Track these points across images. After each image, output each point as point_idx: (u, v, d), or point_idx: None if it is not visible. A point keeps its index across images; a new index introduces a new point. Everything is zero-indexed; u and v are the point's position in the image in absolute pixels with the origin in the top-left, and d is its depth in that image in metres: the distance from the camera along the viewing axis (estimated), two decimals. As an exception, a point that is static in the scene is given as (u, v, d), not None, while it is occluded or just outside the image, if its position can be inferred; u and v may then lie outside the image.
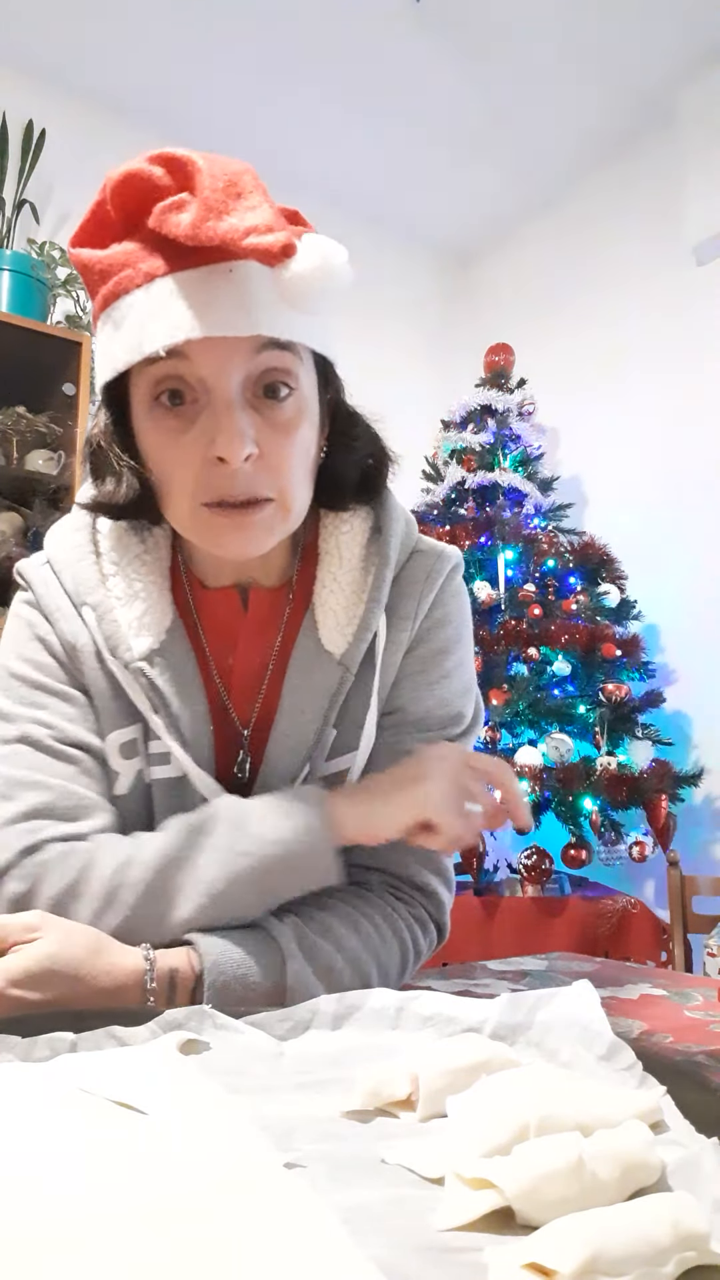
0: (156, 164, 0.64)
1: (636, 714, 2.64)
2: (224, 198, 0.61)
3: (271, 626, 0.80)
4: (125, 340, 0.65)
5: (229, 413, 0.65)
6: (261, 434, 0.67)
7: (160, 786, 0.77)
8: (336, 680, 0.77)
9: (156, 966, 0.65)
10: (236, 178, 0.62)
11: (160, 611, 0.77)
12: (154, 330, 0.63)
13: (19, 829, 0.70)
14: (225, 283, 0.63)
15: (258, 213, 0.61)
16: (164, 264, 0.64)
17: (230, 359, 0.65)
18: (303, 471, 0.71)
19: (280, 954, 0.68)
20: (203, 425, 0.66)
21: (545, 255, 3.66)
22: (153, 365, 0.66)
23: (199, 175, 0.61)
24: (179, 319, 0.63)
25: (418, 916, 0.79)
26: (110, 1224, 0.31)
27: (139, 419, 0.70)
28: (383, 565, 0.79)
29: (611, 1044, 0.48)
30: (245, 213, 0.61)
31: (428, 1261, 0.31)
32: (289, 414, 0.69)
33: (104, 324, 0.68)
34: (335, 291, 0.64)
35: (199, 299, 0.63)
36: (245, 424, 0.66)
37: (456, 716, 0.82)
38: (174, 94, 3.07)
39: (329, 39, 2.87)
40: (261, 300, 0.64)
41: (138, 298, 0.65)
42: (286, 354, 0.67)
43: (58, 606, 0.77)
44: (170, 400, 0.67)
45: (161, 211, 0.63)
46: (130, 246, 0.66)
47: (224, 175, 0.62)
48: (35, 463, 2.56)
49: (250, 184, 0.62)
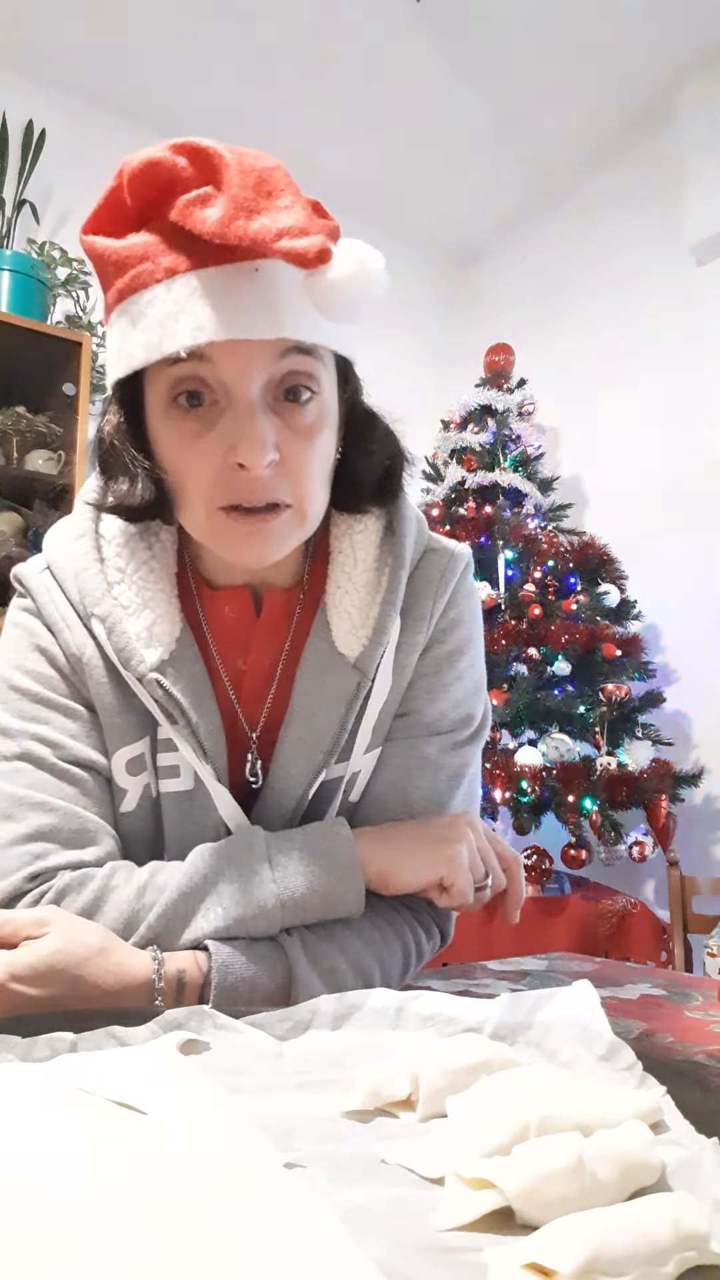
0: (180, 154, 0.61)
1: (636, 714, 2.64)
2: (254, 195, 0.58)
3: (281, 627, 0.78)
4: (143, 338, 0.62)
5: (251, 418, 0.63)
6: (282, 438, 0.65)
7: (170, 800, 0.75)
8: (353, 685, 0.75)
9: (164, 968, 0.64)
10: (268, 175, 0.60)
11: (170, 620, 0.74)
12: (175, 330, 0.61)
13: (23, 851, 0.69)
14: (251, 282, 0.60)
15: (291, 213, 0.59)
16: (186, 260, 0.61)
17: (253, 362, 0.63)
18: (321, 476, 0.69)
19: (286, 958, 0.68)
20: (222, 429, 0.64)
21: (545, 255, 3.66)
22: (172, 365, 0.63)
23: (226, 170, 0.59)
24: (202, 319, 0.60)
25: (422, 921, 0.79)
26: (110, 1224, 0.31)
27: (154, 418, 0.67)
28: (397, 566, 0.77)
29: (611, 1044, 0.48)
30: (278, 213, 0.59)
31: (428, 1261, 0.31)
32: (311, 419, 0.66)
33: (119, 317, 0.65)
34: (370, 300, 0.62)
35: (224, 299, 0.60)
36: (268, 430, 0.63)
37: (467, 718, 0.82)
38: (174, 94, 3.07)
39: (329, 39, 2.87)
40: (288, 302, 0.61)
41: (158, 294, 0.62)
42: (309, 358, 0.65)
43: (62, 617, 0.75)
44: (188, 401, 0.64)
45: (186, 205, 0.60)
46: (149, 238, 0.62)
47: (255, 171, 0.59)
48: (35, 463, 2.56)
49: (282, 182, 0.60)
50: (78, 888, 0.68)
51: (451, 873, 0.72)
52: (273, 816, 0.76)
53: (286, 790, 0.75)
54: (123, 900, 0.68)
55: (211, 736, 0.74)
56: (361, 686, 0.75)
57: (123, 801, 0.75)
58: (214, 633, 0.78)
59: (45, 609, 0.75)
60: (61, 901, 0.67)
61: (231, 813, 0.74)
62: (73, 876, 0.68)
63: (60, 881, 0.68)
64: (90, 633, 0.74)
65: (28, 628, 0.76)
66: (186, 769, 0.74)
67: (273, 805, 0.76)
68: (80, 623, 0.75)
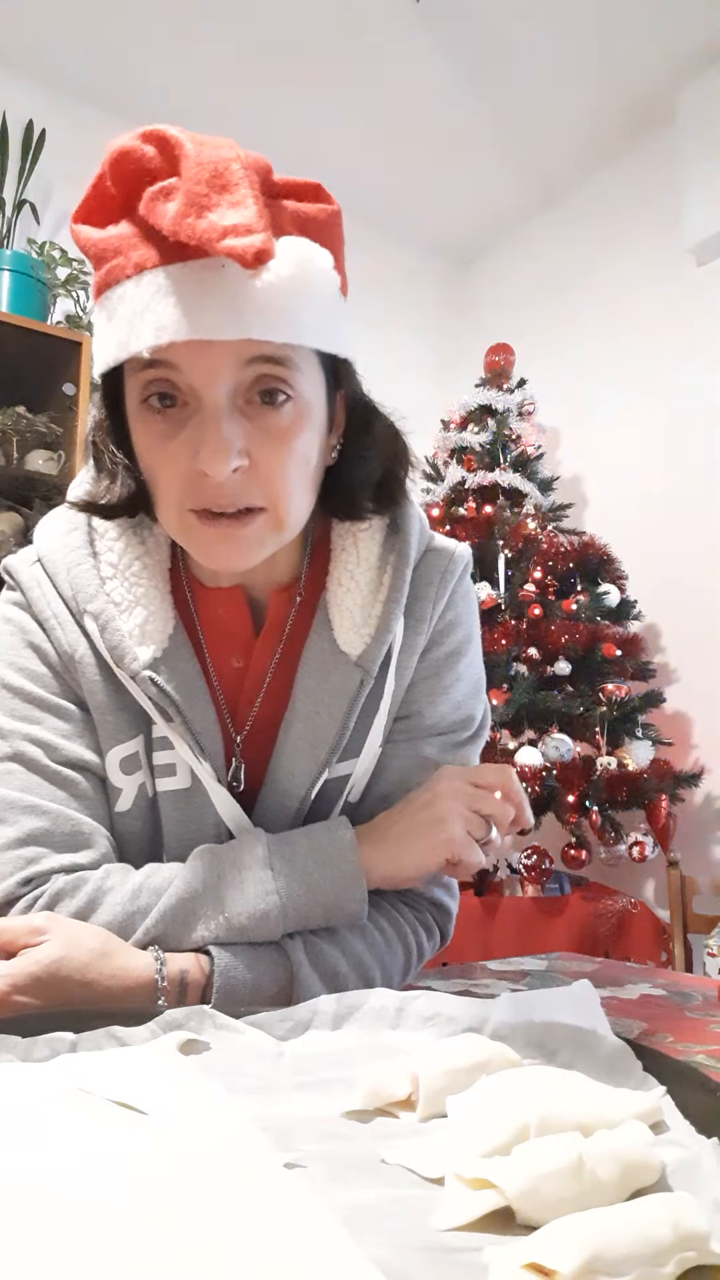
0: (148, 142, 0.59)
1: (636, 714, 2.64)
2: (207, 190, 0.56)
3: (277, 627, 0.77)
4: (114, 335, 0.61)
5: (215, 424, 0.61)
6: (253, 442, 0.63)
7: (167, 800, 0.74)
8: (355, 683, 0.74)
9: (167, 969, 0.64)
10: (224, 166, 0.57)
11: (163, 618, 0.73)
12: (140, 328, 0.59)
13: (15, 856, 0.68)
14: (217, 280, 0.58)
15: (239, 210, 0.56)
16: (155, 254, 0.59)
17: (219, 370, 0.61)
18: (301, 480, 0.67)
19: (288, 961, 0.67)
20: (189, 433, 0.63)
21: (545, 255, 3.65)
22: (142, 370, 0.62)
23: (184, 161, 0.57)
24: (165, 319, 0.58)
25: (424, 922, 0.79)
26: (110, 1224, 0.31)
27: (131, 417, 0.66)
28: (402, 564, 0.76)
29: (611, 1044, 0.48)
30: (227, 209, 0.56)
31: (428, 1261, 0.31)
32: (285, 421, 0.64)
33: (99, 311, 0.64)
34: (314, 300, 0.61)
35: (188, 297, 0.58)
36: (233, 435, 0.62)
37: (468, 719, 0.81)
38: (174, 94, 3.06)
39: (329, 39, 2.87)
40: (252, 300, 0.59)
41: (127, 289, 0.60)
42: (280, 367, 0.63)
43: (54, 613, 0.74)
44: (160, 401, 0.63)
45: (150, 198, 0.58)
46: (125, 230, 0.61)
47: (210, 164, 0.57)
48: (35, 463, 2.56)
49: (238, 175, 0.57)
50: (72, 891, 0.67)
51: (454, 850, 0.71)
52: (275, 817, 0.75)
53: (289, 791, 0.75)
54: (117, 903, 0.67)
55: (208, 734, 0.73)
56: (364, 684, 0.74)
57: (118, 801, 0.74)
58: (206, 631, 0.77)
59: (36, 604, 0.75)
60: (56, 906, 0.67)
61: (231, 813, 0.74)
62: (67, 880, 0.68)
63: (54, 886, 0.68)
64: (82, 630, 0.73)
65: (19, 623, 0.75)
66: (183, 767, 0.74)
67: (275, 806, 0.75)
68: (72, 619, 0.74)
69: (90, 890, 0.68)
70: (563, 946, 2.26)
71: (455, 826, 0.71)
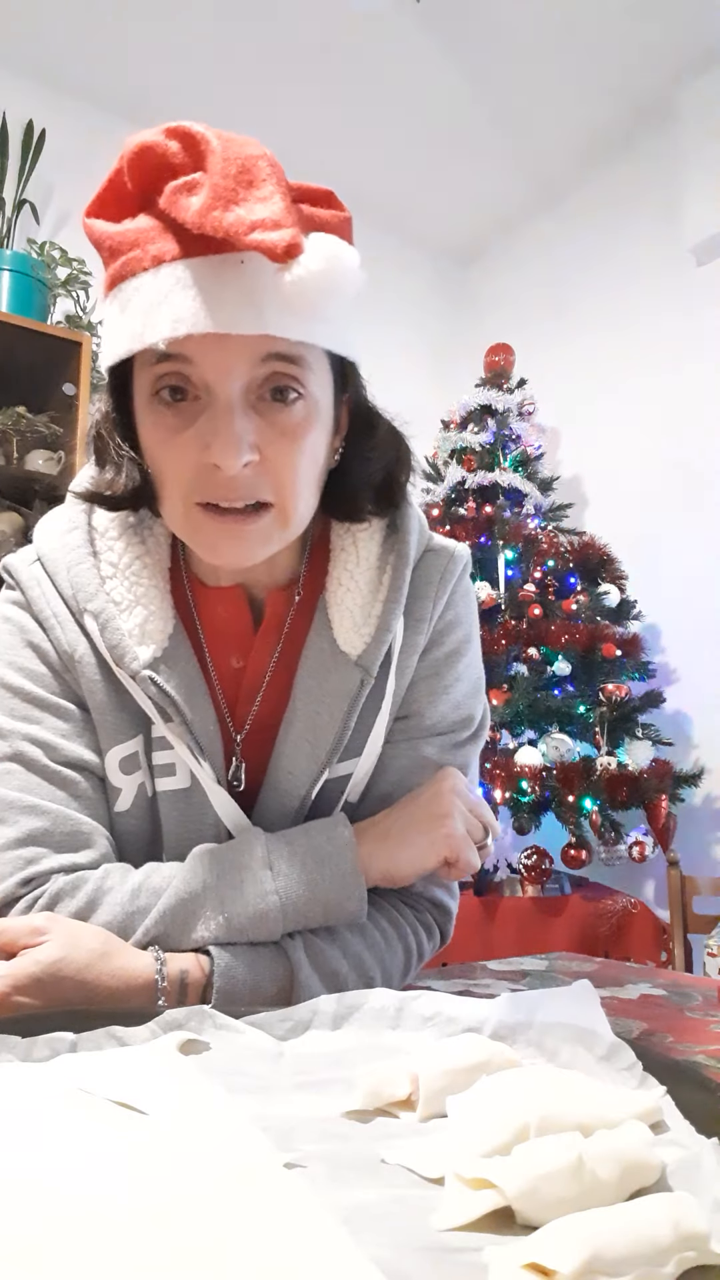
0: (172, 138, 0.60)
1: (636, 714, 2.64)
2: (234, 185, 0.57)
3: (275, 626, 0.77)
4: (129, 326, 0.61)
5: (228, 418, 0.62)
6: (264, 437, 0.64)
7: (166, 799, 0.74)
8: (356, 682, 0.74)
9: (167, 969, 0.64)
10: (251, 163, 0.58)
11: (163, 618, 0.73)
12: (156, 320, 0.59)
13: (15, 856, 0.68)
14: (236, 275, 0.59)
15: (267, 205, 0.57)
16: (175, 248, 0.60)
17: (234, 365, 0.61)
18: (308, 478, 0.68)
19: (288, 961, 0.68)
20: (201, 427, 0.63)
21: (545, 255, 3.65)
22: (156, 363, 0.62)
23: (211, 156, 0.58)
24: (182, 311, 0.58)
25: (424, 923, 0.79)
26: (110, 1224, 0.31)
27: (140, 410, 0.66)
28: (401, 564, 0.76)
29: (611, 1044, 0.48)
30: (255, 204, 0.57)
31: (428, 1261, 0.31)
32: (296, 419, 0.65)
33: (111, 303, 0.63)
34: (340, 297, 0.61)
35: (207, 291, 0.58)
36: (245, 430, 0.62)
37: (467, 719, 0.81)
38: (174, 94, 3.06)
39: (329, 38, 2.87)
40: (273, 297, 0.59)
41: (144, 281, 0.60)
42: (294, 365, 0.63)
43: (54, 612, 0.74)
44: (171, 395, 0.63)
45: (173, 192, 0.59)
46: (144, 224, 0.61)
47: (237, 160, 0.57)
48: (35, 463, 2.56)
49: (265, 171, 0.58)
50: (71, 891, 0.67)
51: (453, 849, 0.72)
52: (275, 817, 0.75)
53: (289, 790, 0.75)
54: (116, 903, 0.67)
55: (207, 735, 0.73)
56: (365, 684, 0.74)
57: (118, 800, 0.74)
58: (206, 631, 0.77)
59: (36, 603, 0.75)
60: (55, 906, 0.67)
61: (230, 813, 0.74)
62: (66, 880, 0.68)
63: (54, 886, 0.68)
64: (82, 629, 0.73)
65: (18, 623, 0.75)
66: (182, 767, 0.74)
67: (275, 806, 0.75)
68: (72, 619, 0.74)
69: (90, 890, 0.68)
70: (563, 946, 2.26)
71: (456, 823, 0.72)
